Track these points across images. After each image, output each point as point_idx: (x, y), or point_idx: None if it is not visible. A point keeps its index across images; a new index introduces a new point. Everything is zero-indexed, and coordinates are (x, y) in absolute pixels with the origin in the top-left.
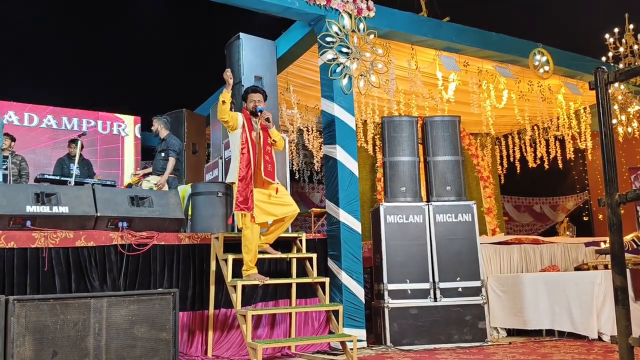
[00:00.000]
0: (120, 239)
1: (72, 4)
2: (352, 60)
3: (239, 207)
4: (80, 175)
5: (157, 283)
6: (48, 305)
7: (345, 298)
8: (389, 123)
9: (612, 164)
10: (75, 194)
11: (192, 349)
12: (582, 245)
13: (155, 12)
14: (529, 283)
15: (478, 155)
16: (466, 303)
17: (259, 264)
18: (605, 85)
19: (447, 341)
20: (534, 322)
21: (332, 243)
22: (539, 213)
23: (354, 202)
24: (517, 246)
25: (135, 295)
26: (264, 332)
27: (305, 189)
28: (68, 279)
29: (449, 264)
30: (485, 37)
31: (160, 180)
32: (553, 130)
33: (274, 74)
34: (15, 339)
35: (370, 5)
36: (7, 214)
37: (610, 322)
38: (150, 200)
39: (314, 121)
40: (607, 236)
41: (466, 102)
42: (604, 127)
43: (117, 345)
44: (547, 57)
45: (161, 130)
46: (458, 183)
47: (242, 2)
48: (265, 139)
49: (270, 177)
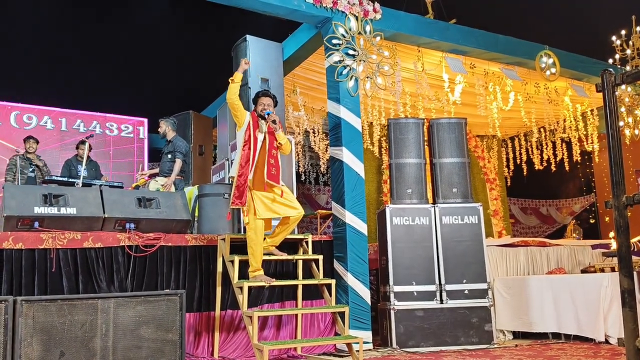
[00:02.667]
0: (128, 240)
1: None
2: (358, 62)
3: (234, 201)
4: (88, 176)
5: (164, 284)
6: (56, 306)
7: (351, 300)
8: (395, 125)
9: (619, 166)
10: (83, 195)
11: (198, 350)
12: (589, 247)
13: (161, 15)
14: (536, 285)
15: (484, 157)
16: (472, 305)
17: (265, 266)
18: (612, 87)
19: (453, 343)
20: (540, 325)
21: (338, 245)
22: (545, 215)
23: (360, 204)
24: (523, 248)
25: (142, 296)
26: (270, 334)
27: (312, 191)
28: (75, 280)
29: (455, 266)
30: (491, 39)
31: (167, 182)
32: (559, 133)
33: (280, 76)
34: (23, 340)
35: (376, 7)
36: (16, 215)
37: (617, 324)
38: (158, 201)
39: (320, 123)
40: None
41: (472, 104)
42: (610, 129)
43: (124, 346)
44: (553, 59)
45: (168, 132)
46: (464, 185)
47: (249, 4)
48: (272, 142)
49: (273, 180)
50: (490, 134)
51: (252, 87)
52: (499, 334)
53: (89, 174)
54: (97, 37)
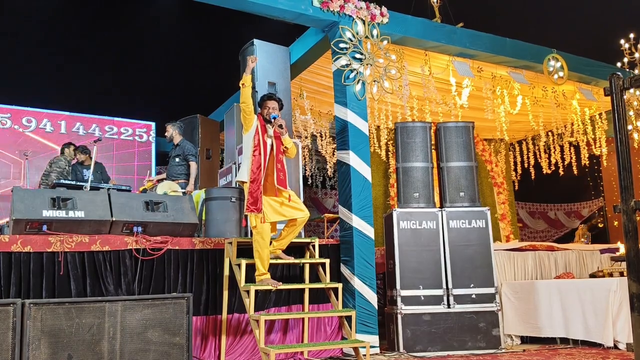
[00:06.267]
0: (135, 243)
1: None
2: (365, 66)
3: (249, 208)
4: (94, 180)
5: (171, 287)
6: (63, 309)
7: (358, 304)
8: (402, 129)
9: (627, 171)
10: (90, 198)
11: (205, 353)
12: (597, 252)
13: (169, 18)
14: (544, 290)
15: (492, 161)
16: (480, 310)
17: (271, 269)
18: (621, 91)
19: (460, 348)
20: (548, 330)
21: (345, 248)
22: (553, 219)
23: (367, 208)
24: (531, 253)
25: (150, 299)
26: (277, 337)
27: (318, 195)
28: (83, 283)
29: (462, 271)
30: (499, 43)
31: (188, 187)
32: (567, 136)
33: (287, 80)
34: (31, 342)
35: (383, 11)
36: (24, 219)
37: (626, 329)
38: (165, 205)
39: (327, 127)
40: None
41: (480, 108)
42: (619, 133)
43: (131, 349)
44: (561, 63)
45: (175, 136)
46: (472, 189)
47: (257, 8)
48: (278, 147)
49: (282, 185)
50: (497, 137)
51: (260, 91)
52: (506, 338)
53: (95, 178)
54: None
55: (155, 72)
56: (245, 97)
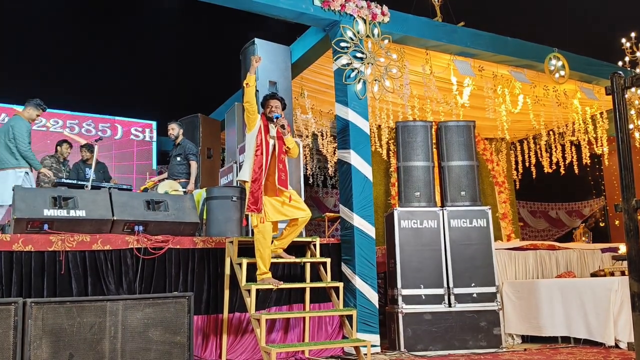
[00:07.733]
0: (136, 242)
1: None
2: (366, 65)
3: (249, 207)
4: (96, 179)
5: (172, 286)
6: (65, 308)
7: (359, 303)
8: (403, 128)
9: (629, 170)
10: (92, 198)
11: (206, 352)
12: (599, 251)
13: (170, 18)
14: (545, 289)
15: (493, 160)
16: (481, 309)
17: (273, 269)
18: (622, 90)
19: (461, 347)
20: (549, 329)
21: (346, 248)
22: (554, 219)
23: (368, 207)
24: (532, 252)
25: (151, 298)
26: (278, 337)
27: (319, 194)
28: (84, 282)
29: (463, 270)
30: (500, 42)
31: (189, 186)
32: (569, 136)
33: (288, 79)
34: (32, 341)
35: (384, 10)
36: (25, 218)
37: (628, 329)
38: (166, 204)
39: (328, 126)
40: (624, 242)
41: (481, 107)
42: (620, 132)
43: (132, 348)
44: (562, 62)
45: (179, 135)
46: (473, 188)
47: (258, 8)
48: (280, 147)
49: (283, 185)
50: (499, 136)
51: (261, 90)
52: (507, 337)
53: (97, 177)
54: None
55: (156, 72)
56: (250, 96)
